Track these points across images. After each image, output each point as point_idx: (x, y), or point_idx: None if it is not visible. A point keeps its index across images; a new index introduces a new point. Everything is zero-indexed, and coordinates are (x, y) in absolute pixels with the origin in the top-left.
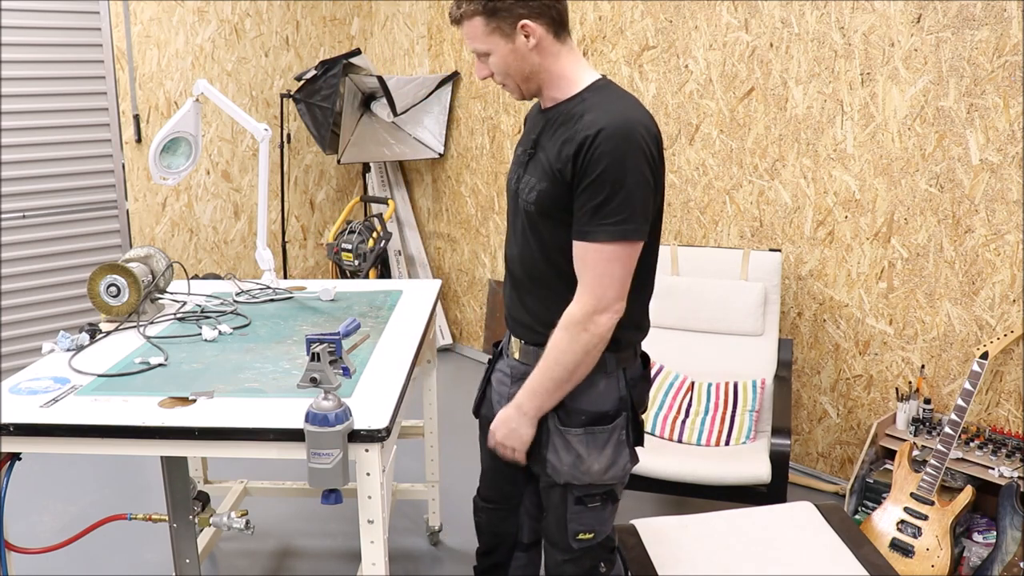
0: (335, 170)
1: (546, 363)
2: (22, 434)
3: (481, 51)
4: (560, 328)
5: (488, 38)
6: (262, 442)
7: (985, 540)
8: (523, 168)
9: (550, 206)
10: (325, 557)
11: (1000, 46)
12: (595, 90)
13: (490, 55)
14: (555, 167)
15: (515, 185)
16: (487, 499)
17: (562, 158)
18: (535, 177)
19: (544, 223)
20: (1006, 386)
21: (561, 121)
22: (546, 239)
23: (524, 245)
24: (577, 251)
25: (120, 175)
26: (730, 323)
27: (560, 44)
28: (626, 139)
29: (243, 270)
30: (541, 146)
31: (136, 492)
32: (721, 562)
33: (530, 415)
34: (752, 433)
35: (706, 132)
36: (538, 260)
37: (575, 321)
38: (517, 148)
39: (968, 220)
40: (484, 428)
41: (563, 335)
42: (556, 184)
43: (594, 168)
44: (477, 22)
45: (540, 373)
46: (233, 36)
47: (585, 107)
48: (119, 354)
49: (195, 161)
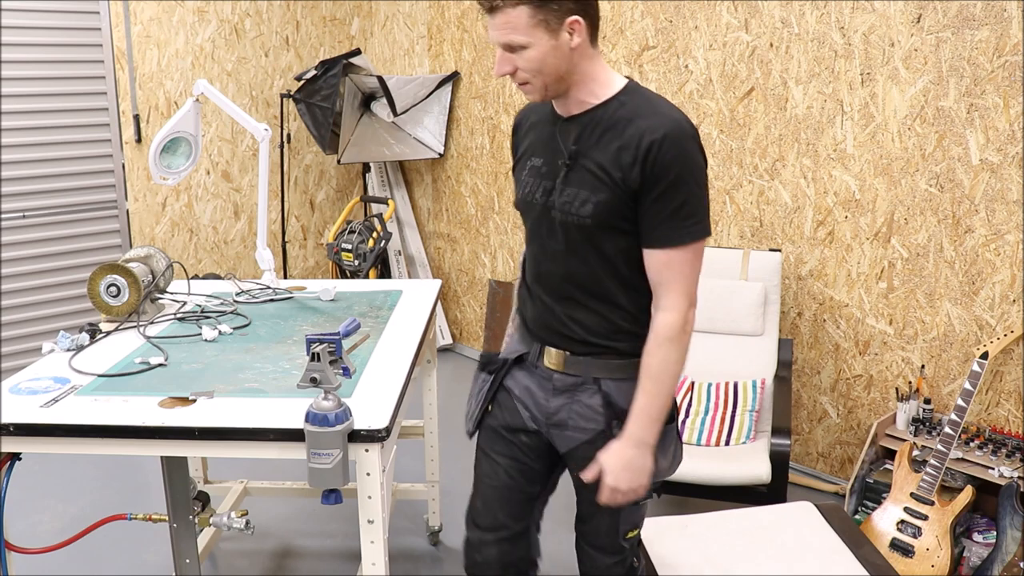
0: (335, 170)
1: (657, 384)
2: (22, 434)
3: (518, 43)
4: (663, 343)
5: (532, 30)
6: (262, 442)
7: (985, 540)
8: (559, 181)
9: (611, 217)
10: (325, 557)
11: (1000, 46)
12: (630, 93)
13: (526, 49)
14: (614, 176)
15: (546, 199)
16: (495, 526)
17: (622, 166)
18: (586, 189)
19: (605, 235)
20: (1006, 386)
21: (605, 127)
22: (609, 251)
23: (578, 261)
24: (658, 258)
25: (120, 175)
26: (730, 323)
27: (594, 48)
28: (691, 140)
29: (243, 270)
30: (585, 155)
31: (136, 492)
32: (721, 562)
33: (652, 443)
34: (752, 433)
35: (706, 132)
36: (600, 274)
37: (677, 330)
38: (531, 159)
39: (968, 220)
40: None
41: (669, 348)
42: (616, 194)
43: (666, 173)
44: (522, 11)
45: (652, 396)
46: (233, 36)
47: (629, 111)
48: (119, 354)
49: (195, 161)
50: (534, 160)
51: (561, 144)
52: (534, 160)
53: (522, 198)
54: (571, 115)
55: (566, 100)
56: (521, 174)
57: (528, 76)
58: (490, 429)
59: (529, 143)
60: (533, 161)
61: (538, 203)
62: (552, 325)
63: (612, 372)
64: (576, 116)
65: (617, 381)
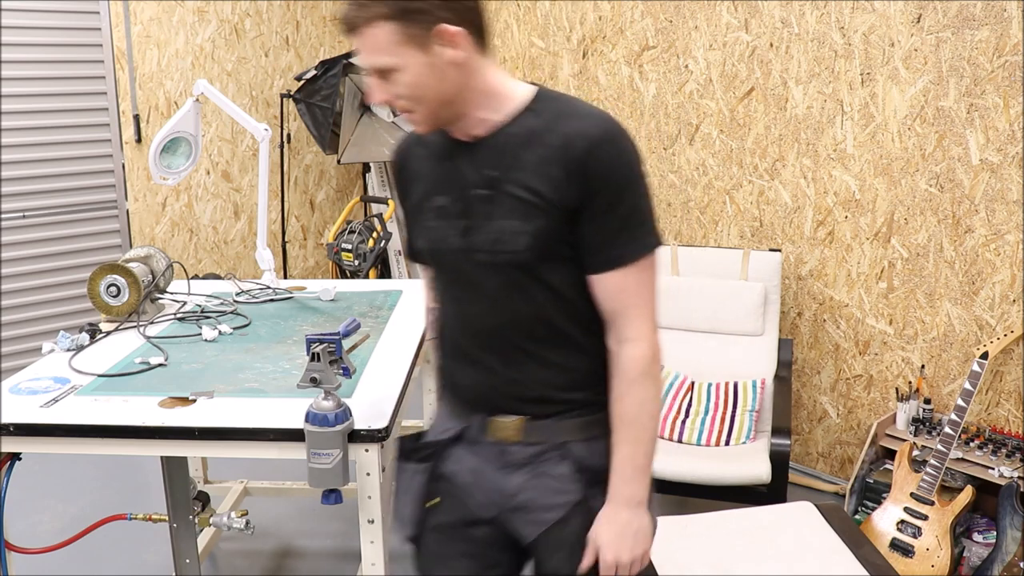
0: (335, 170)
1: (637, 429)
2: (22, 434)
3: (387, 67)
4: (635, 381)
5: (398, 49)
6: (262, 442)
7: (985, 540)
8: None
9: (551, 244)
10: (325, 557)
11: (1000, 46)
12: (543, 100)
13: (398, 72)
14: (547, 196)
15: (464, 242)
16: None
17: (553, 182)
18: (516, 219)
19: (548, 267)
20: (1006, 386)
21: (520, 144)
22: (556, 284)
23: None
24: (612, 283)
25: (120, 175)
26: (730, 323)
27: (484, 55)
28: (625, 139)
29: (243, 270)
30: (506, 180)
31: (136, 492)
32: (721, 562)
33: (646, 498)
34: (752, 433)
35: (706, 132)
36: (552, 314)
37: (648, 362)
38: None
39: (968, 220)
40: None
41: (644, 386)
42: (553, 216)
43: (605, 181)
44: (382, 28)
45: (634, 444)
46: (233, 36)
47: (547, 120)
48: (119, 354)
49: (195, 161)
50: (438, 200)
51: (470, 174)
52: (438, 200)
53: (430, 247)
54: (476, 137)
55: (464, 123)
56: (422, 219)
57: (410, 103)
58: (437, 530)
59: (424, 182)
60: (437, 201)
61: (454, 248)
62: (499, 389)
63: (582, 432)
64: (482, 139)
65: (588, 441)
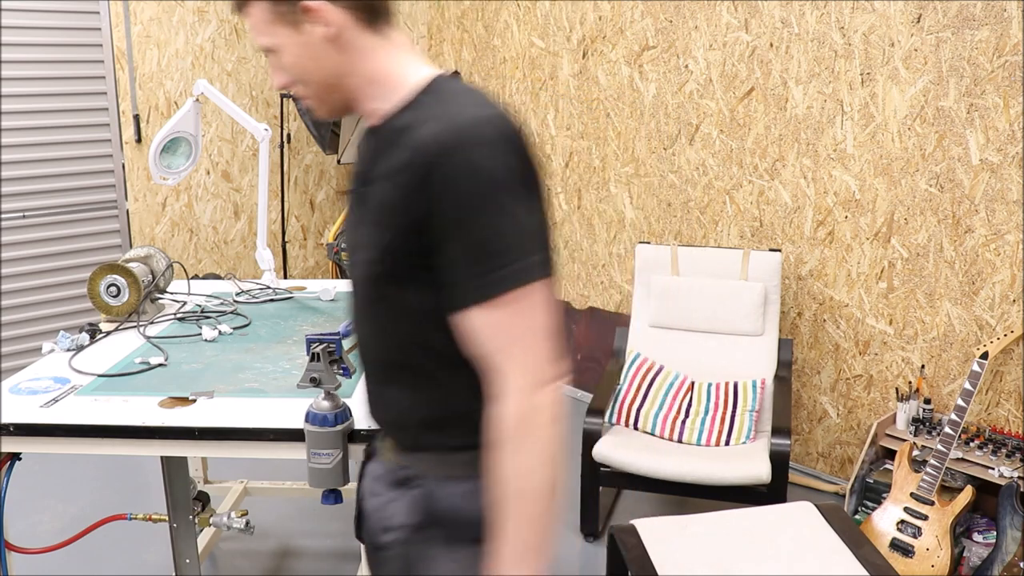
0: (335, 170)
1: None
2: (22, 434)
3: (265, 47)
4: (503, 445)
5: (272, 28)
6: (262, 442)
7: (985, 540)
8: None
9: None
10: (325, 557)
11: (1000, 46)
12: (431, 93)
13: (276, 53)
14: (397, 207)
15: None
16: None
17: (402, 191)
18: (373, 227)
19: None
20: (1006, 386)
21: (389, 142)
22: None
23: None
24: (472, 322)
25: (120, 175)
26: (730, 323)
27: (375, 36)
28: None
29: (243, 270)
30: (373, 182)
31: (136, 492)
32: (721, 562)
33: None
34: (752, 433)
35: (706, 132)
36: (409, 343)
37: (518, 421)
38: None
39: (968, 220)
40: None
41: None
42: (402, 230)
43: (453, 198)
44: (258, 7)
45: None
46: (233, 36)
47: (419, 117)
48: (119, 354)
49: (195, 161)
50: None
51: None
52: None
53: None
54: (372, 128)
55: (361, 111)
56: None
57: (299, 89)
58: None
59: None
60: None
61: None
62: (374, 411)
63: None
64: (374, 130)
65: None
